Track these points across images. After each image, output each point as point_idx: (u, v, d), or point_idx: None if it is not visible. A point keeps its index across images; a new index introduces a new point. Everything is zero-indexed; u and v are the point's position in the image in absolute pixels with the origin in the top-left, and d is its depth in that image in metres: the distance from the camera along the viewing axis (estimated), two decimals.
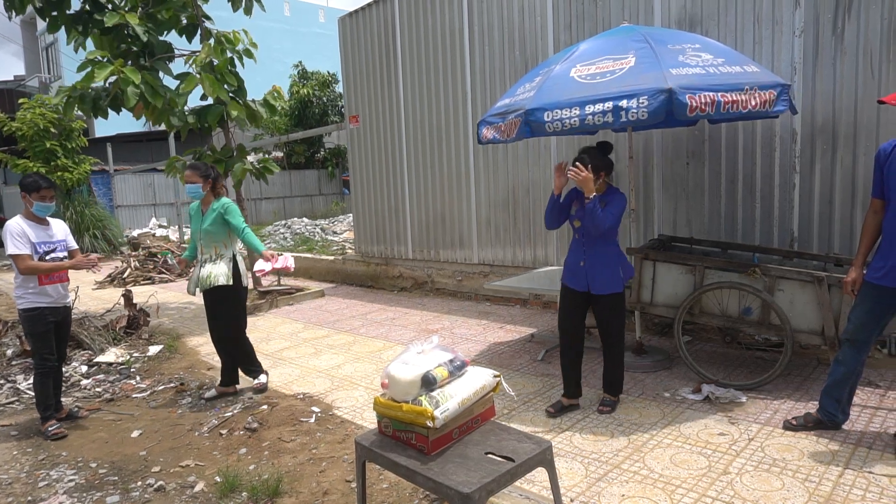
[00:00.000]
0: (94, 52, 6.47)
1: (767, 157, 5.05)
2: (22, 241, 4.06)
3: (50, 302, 4.18)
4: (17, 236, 4.05)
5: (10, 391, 5.05)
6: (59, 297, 4.25)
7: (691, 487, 2.97)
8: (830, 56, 4.66)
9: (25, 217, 4.19)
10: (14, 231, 4.06)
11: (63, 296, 4.29)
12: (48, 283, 4.14)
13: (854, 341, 3.37)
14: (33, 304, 4.12)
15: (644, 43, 3.93)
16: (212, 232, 4.58)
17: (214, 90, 6.63)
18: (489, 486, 2.24)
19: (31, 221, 4.18)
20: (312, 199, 22.35)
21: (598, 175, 3.72)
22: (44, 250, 4.15)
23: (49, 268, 4.12)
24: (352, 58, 8.94)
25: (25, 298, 4.11)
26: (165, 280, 11.10)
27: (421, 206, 8.18)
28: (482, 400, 2.63)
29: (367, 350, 5.77)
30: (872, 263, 3.31)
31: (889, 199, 3.24)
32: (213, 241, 4.60)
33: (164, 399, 4.80)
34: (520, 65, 6.72)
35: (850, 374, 3.39)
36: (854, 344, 3.37)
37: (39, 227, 4.20)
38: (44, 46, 28.27)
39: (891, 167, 3.22)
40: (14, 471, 3.68)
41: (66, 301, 4.35)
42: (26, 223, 4.15)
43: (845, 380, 3.40)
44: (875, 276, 3.26)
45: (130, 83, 6.22)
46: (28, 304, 4.12)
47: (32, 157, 14.87)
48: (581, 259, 3.81)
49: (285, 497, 3.17)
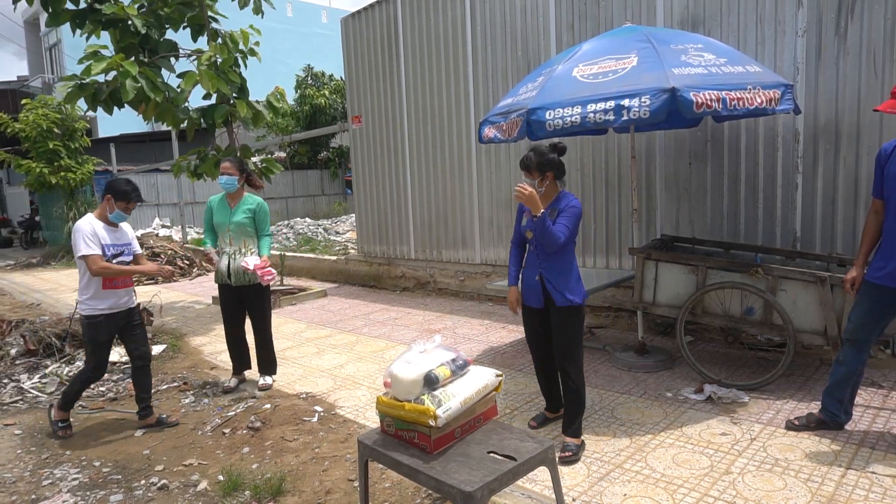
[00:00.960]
0: (94, 45, 6.48)
1: (770, 158, 5.04)
2: (94, 241, 3.92)
3: (109, 307, 4.02)
4: (89, 236, 3.91)
5: (13, 390, 5.07)
6: (120, 302, 4.09)
7: (693, 487, 2.97)
8: (833, 56, 4.66)
9: (98, 218, 4.04)
10: (86, 231, 3.92)
11: (125, 301, 4.13)
12: (112, 287, 4.00)
13: (854, 341, 3.37)
14: (93, 311, 3.99)
15: (646, 43, 3.94)
16: (244, 225, 4.71)
17: (214, 85, 6.63)
18: (491, 485, 2.24)
19: (102, 223, 4.04)
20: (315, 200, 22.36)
21: (544, 175, 3.32)
22: (112, 253, 4.01)
23: (120, 270, 3.99)
24: (354, 58, 8.95)
25: (86, 304, 3.99)
26: (169, 280, 11.13)
27: (423, 206, 8.18)
28: (484, 399, 2.63)
29: (370, 350, 5.78)
30: (873, 263, 3.31)
31: (889, 200, 3.24)
32: (244, 235, 4.74)
33: (167, 398, 4.82)
34: (522, 65, 6.73)
35: (851, 374, 3.39)
36: (854, 344, 3.37)
37: (110, 230, 4.06)
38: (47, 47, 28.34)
39: (891, 168, 3.22)
40: (18, 469, 3.69)
41: (130, 304, 4.18)
42: (98, 224, 4.00)
43: (846, 380, 3.40)
44: (875, 275, 3.26)
45: (129, 76, 6.23)
46: (88, 310, 3.99)
47: (36, 157, 14.92)
48: (536, 273, 3.43)
49: (288, 496, 3.17)
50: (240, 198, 4.76)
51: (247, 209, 4.75)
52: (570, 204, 3.34)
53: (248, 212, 4.75)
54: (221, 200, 4.79)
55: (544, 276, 3.40)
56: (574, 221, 3.31)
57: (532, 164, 3.33)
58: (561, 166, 3.38)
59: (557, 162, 3.36)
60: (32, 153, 14.96)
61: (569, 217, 3.30)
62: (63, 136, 15.12)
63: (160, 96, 6.63)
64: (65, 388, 4.22)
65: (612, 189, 6.06)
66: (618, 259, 6.06)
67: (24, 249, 19.29)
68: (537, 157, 3.32)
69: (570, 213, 3.31)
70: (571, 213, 3.31)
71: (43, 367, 5.50)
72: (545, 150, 3.34)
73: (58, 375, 5.28)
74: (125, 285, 4.10)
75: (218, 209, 4.77)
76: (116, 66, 6.26)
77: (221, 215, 4.74)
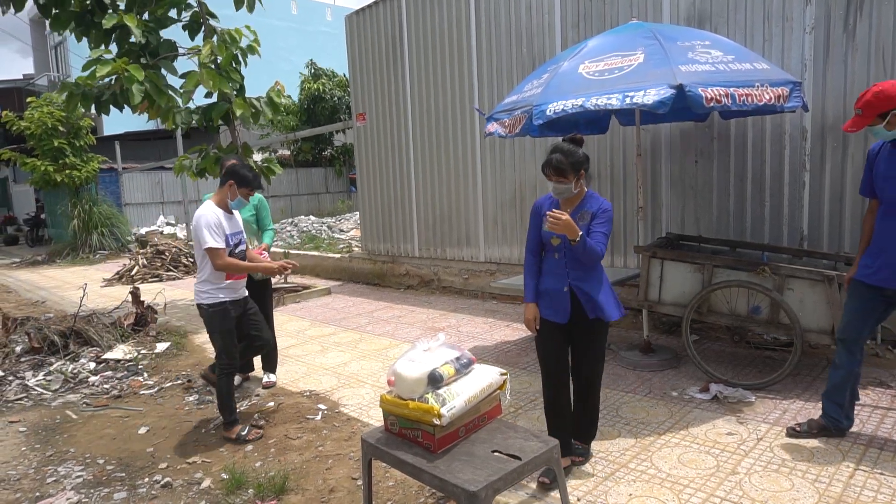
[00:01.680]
0: (98, 50, 6.48)
1: (777, 155, 5.01)
2: (219, 233, 3.73)
3: (229, 296, 3.86)
4: (214, 228, 3.71)
5: (18, 388, 5.08)
6: (239, 289, 3.98)
7: (699, 487, 2.95)
8: (841, 53, 4.62)
9: (217, 205, 3.86)
10: (212, 222, 3.71)
11: (241, 290, 4.01)
12: (231, 278, 3.88)
13: (844, 340, 3.33)
14: (215, 300, 3.80)
15: (653, 39, 3.91)
16: (249, 223, 4.79)
17: (216, 84, 6.62)
18: (496, 485, 2.23)
19: (222, 210, 3.85)
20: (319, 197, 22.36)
21: (579, 175, 2.98)
22: (233, 242, 3.87)
23: (243, 267, 3.89)
24: (359, 56, 8.93)
25: (208, 293, 3.80)
26: (173, 278, 11.15)
27: (427, 204, 8.16)
28: (489, 398, 2.61)
29: (374, 348, 5.77)
30: (861, 261, 3.29)
31: (879, 199, 3.22)
32: (250, 232, 4.78)
33: (171, 396, 4.82)
34: (527, 62, 6.70)
35: (847, 376, 3.33)
36: (844, 343, 3.33)
37: (228, 217, 3.89)
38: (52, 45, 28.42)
39: (879, 166, 3.20)
40: (22, 467, 3.70)
41: (245, 292, 4.06)
42: (220, 212, 3.82)
43: (844, 383, 3.34)
44: (863, 273, 3.24)
45: (135, 81, 6.23)
46: (210, 298, 3.80)
47: (41, 155, 14.97)
48: (565, 283, 3.04)
49: (291, 494, 3.16)
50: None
51: (251, 207, 4.82)
52: (602, 207, 3.02)
53: (251, 209, 4.84)
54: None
55: (576, 287, 3.03)
56: (610, 228, 3.03)
57: (565, 166, 2.94)
58: (588, 160, 3.05)
59: (586, 156, 3.03)
60: (38, 151, 15.02)
61: (604, 223, 3.00)
62: (68, 134, 15.16)
63: (164, 100, 6.63)
64: (217, 403, 3.95)
65: (617, 187, 6.03)
66: (623, 257, 6.03)
67: (30, 247, 19.37)
68: (569, 157, 2.94)
69: (604, 217, 3.00)
70: (607, 219, 3.01)
71: (47, 365, 5.51)
72: (571, 147, 2.99)
73: (62, 373, 5.29)
74: (241, 276, 3.99)
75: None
76: (121, 71, 6.26)
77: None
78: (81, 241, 15.45)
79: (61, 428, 4.27)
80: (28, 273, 13.35)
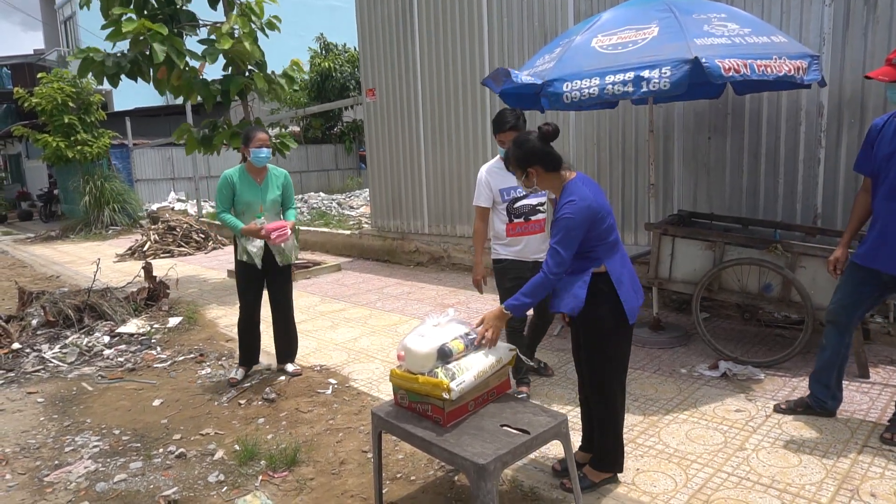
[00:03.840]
0: (120, 8, 6.44)
1: (792, 131, 4.93)
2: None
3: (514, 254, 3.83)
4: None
5: (35, 360, 5.17)
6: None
7: (707, 463, 2.97)
8: (862, 25, 4.50)
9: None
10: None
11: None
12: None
13: (835, 322, 3.28)
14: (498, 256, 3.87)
15: (668, 12, 3.83)
16: (276, 202, 4.41)
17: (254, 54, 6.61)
18: (504, 458, 2.25)
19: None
20: (329, 174, 22.32)
21: (526, 171, 2.66)
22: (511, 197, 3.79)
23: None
24: (369, 31, 8.83)
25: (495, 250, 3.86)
26: (184, 253, 11.23)
27: (437, 181, 8.13)
28: (498, 373, 2.63)
29: (384, 324, 5.80)
30: (860, 243, 3.22)
31: (878, 177, 3.12)
32: (277, 210, 4.44)
33: (184, 369, 4.89)
34: (539, 36, 6.59)
35: (834, 357, 3.30)
36: (836, 325, 3.28)
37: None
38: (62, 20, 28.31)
39: (881, 143, 3.09)
40: (41, 436, 3.78)
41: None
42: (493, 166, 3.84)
43: (831, 364, 3.30)
44: (860, 256, 3.17)
45: (158, 39, 6.18)
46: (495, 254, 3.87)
47: (53, 131, 15.02)
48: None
49: (303, 466, 3.22)
50: (265, 171, 4.36)
51: (279, 184, 4.41)
52: (560, 213, 2.56)
53: (279, 187, 4.41)
54: (243, 176, 4.29)
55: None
56: (565, 237, 2.51)
57: (512, 160, 2.71)
58: (548, 156, 2.65)
59: (542, 151, 2.64)
60: (49, 127, 15.06)
61: (556, 233, 2.54)
62: (79, 109, 15.19)
63: (183, 62, 6.59)
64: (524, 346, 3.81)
65: (628, 163, 5.97)
66: (633, 234, 6.00)
67: (44, 222, 19.57)
68: (514, 151, 2.68)
69: (557, 228, 2.55)
70: (559, 228, 2.53)
71: (63, 338, 5.60)
72: (522, 139, 2.70)
73: (77, 346, 5.38)
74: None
75: (244, 186, 4.27)
76: (144, 30, 6.20)
77: (251, 193, 4.28)
78: (94, 216, 15.57)
79: (77, 399, 4.36)
80: (42, 248, 13.50)
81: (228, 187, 4.27)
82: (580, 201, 2.53)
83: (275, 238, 4.20)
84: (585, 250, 2.60)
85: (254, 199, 4.29)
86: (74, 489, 3.12)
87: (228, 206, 4.31)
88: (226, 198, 4.28)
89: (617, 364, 2.74)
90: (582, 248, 2.58)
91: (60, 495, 3.08)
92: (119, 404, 4.24)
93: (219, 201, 4.30)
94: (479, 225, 3.93)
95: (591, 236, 2.58)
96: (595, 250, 2.62)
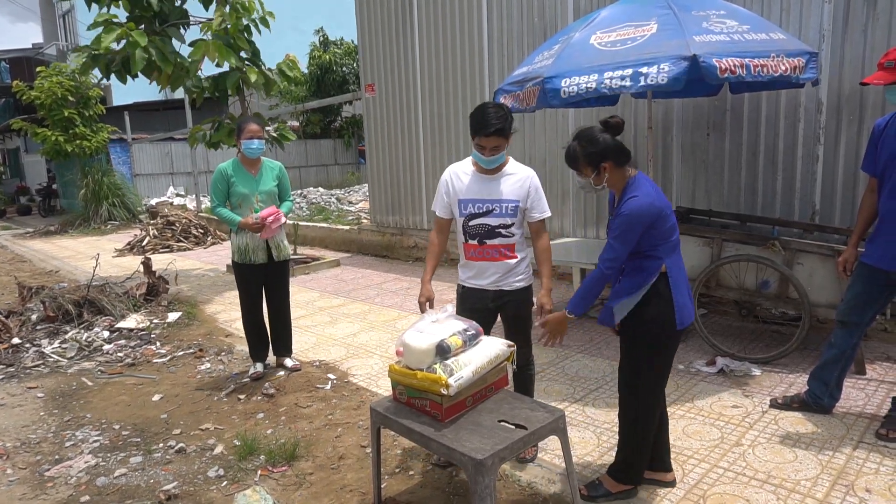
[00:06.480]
0: (104, 14, 6.45)
1: (791, 128, 4.93)
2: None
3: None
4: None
5: (35, 355, 5.18)
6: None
7: (703, 458, 2.99)
8: (861, 22, 4.51)
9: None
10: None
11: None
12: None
13: (846, 323, 3.27)
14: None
15: (667, 9, 3.83)
16: (273, 194, 4.36)
17: (223, 56, 6.58)
18: (502, 453, 2.27)
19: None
20: (328, 169, 22.30)
21: (599, 168, 2.57)
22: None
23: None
24: (368, 25, 8.82)
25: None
26: (183, 248, 11.24)
27: (437, 176, 8.11)
28: (496, 369, 2.64)
29: (382, 319, 5.82)
30: (868, 244, 3.21)
31: (883, 177, 3.12)
32: (273, 202, 4.38)
33: (183, 364, 4.90)
34: (538, 32, 6.59)
35: (840, 356, 3.30)
36: (846, 326, 3.27)
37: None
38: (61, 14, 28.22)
39: (884, 143, 3.09)
40: (41, 431, 3.80)
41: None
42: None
43: (835, 362, 3.31)
44: (870, 256, 3.16)
45: (137, 47, 6.19)
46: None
47: (52, 125, 14.99)
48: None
49: (302, 461, 3.24)
50: (259, 163, 4.33)
51: (275, 176, 4.37)
52: (621, 209, 2.51)
53: (275, 178, 4.38)
54: (238, 168, 4.26)
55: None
56: (623, 232, 2.47)
57: (578, 157, 2.58)
58: (622, 150, 2.57)
59: (616, 146, 2.56)
60: (48, 121, 15.03)
61: (615, 229, 2.51)
62: (77, 104, 15.15)
63: (170, 67, 6.60)
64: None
65: None
66: None
67: (43, 217, 19.56)
68: (584, 147, 2.56)
69: (616, 223, 2.51)
70: (618, 224, 2.49)
71: (62, 333, 5.61)
72: (594, 133, 2.57)
73: (77, 341, 5.39)
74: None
75: (239, 178, 4.24)
76: (126, 36, 6.22)
77: (247, 185, 4.24)
78: (92, 211, 15.55)
79: (77, 394, 4.37)
80: (41, 243, 13.49)
81: (223, 180, 4.23)
82: (644, 198, 2.48)
83: (271, 223, 4.17)
84: (647, 249, 2.52)
85: (249, 190, 4.25)
86: (75, 484, 3.14)
87: (223, 200, 4.28)
88: (220, 191, 4.26)
89: (658, 372, 2.66)
90: (643, 246, 2.51)
91: (61, 490, 3.09)
92: (119, 399, 4.25)
93: (213, 195, 4.30)
94: (432, 236, 3.24)
95: (654, 234, 2.50)
96: (657, 249, 2.53)
